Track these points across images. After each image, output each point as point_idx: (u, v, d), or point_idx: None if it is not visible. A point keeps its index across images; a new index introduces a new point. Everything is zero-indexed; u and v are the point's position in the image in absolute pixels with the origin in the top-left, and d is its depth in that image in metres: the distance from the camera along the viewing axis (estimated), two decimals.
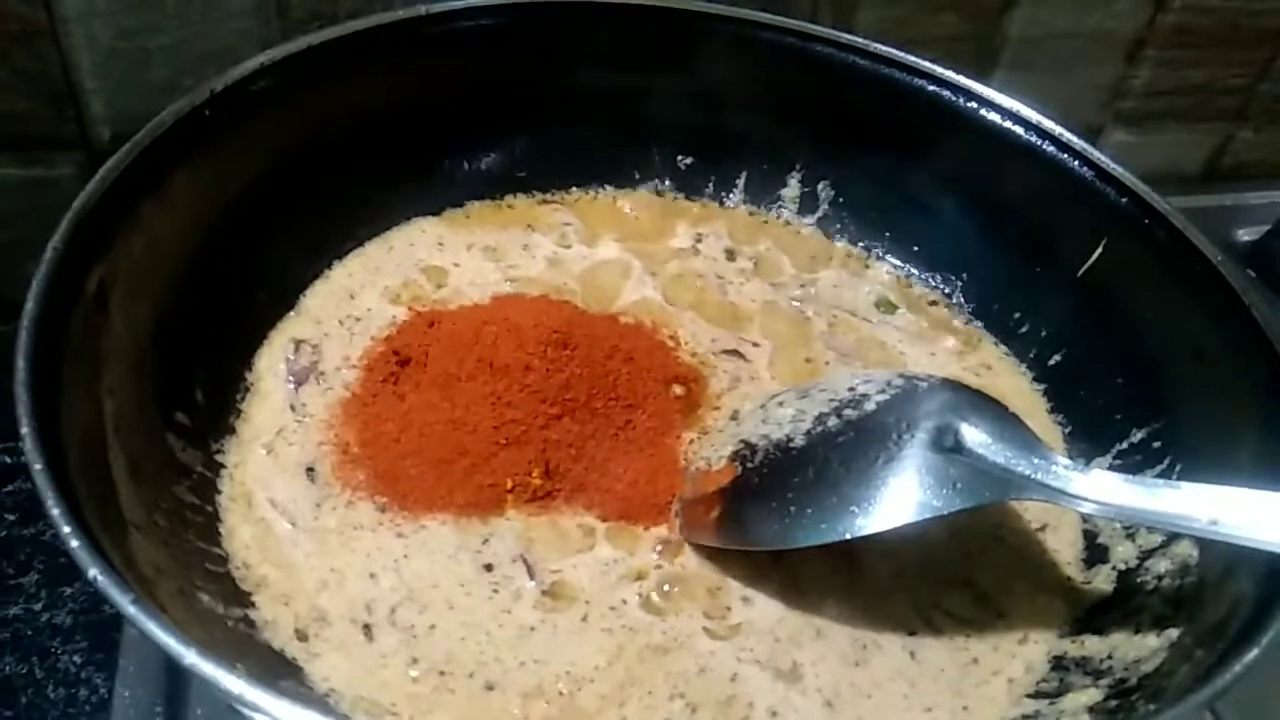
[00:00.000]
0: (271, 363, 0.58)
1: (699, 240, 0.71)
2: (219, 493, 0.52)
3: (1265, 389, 0.51)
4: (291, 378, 0.57)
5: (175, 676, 0.54)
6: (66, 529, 0.37)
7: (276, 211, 0.60)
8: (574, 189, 0.72)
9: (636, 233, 0.70)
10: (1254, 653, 0.40)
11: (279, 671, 0.45)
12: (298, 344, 0.59)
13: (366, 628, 0.48)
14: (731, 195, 0.73)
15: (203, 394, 0.54)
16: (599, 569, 0.51)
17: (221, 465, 0.53)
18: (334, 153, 0.62)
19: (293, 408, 0.56)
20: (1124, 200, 0.61)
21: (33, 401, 0.40)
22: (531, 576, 0.50)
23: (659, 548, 0.53)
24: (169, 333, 0.52)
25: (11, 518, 0.66)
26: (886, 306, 0.68)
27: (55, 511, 0.37)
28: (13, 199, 0.71)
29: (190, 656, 0.35)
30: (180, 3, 0.68)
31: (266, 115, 0.58)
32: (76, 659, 0.58)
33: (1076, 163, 0.63)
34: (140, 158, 0.51)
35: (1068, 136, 0.63)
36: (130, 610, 0.36)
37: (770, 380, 0.62)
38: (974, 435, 0.48)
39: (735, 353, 0.64)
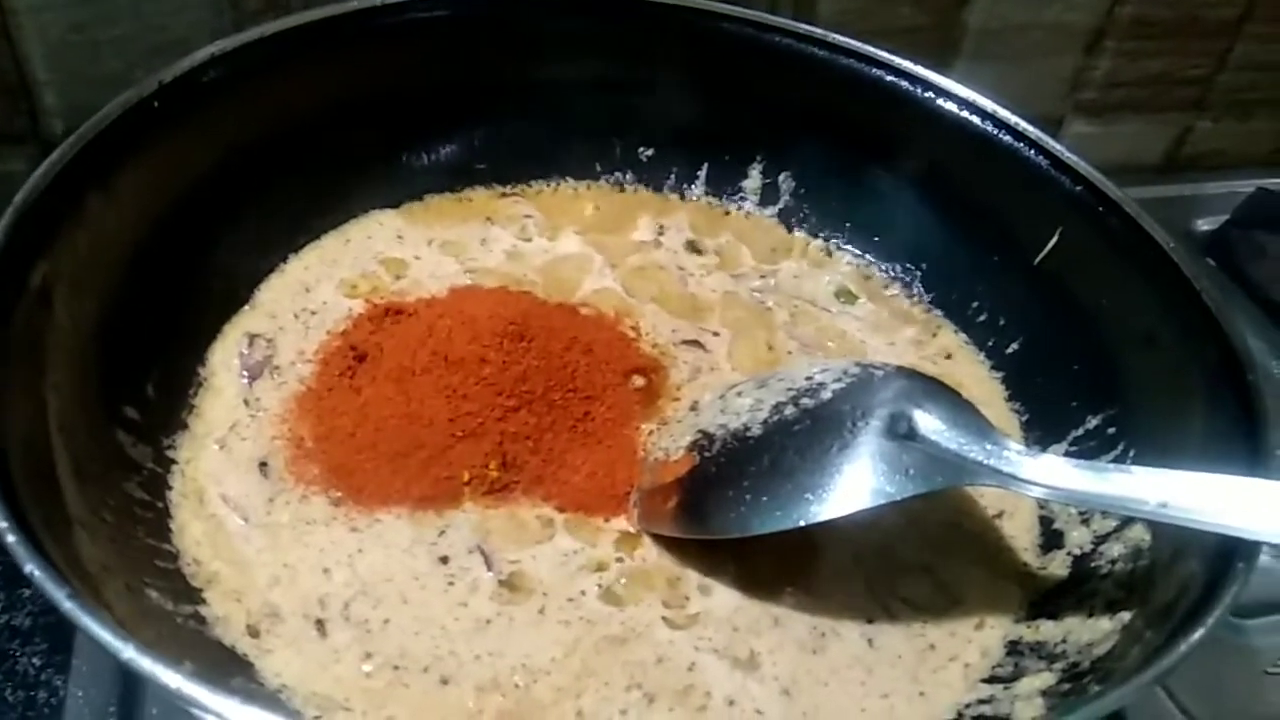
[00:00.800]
0: (225, 357, 0.57)
1: (661, 232, 0.71)
2: (170, 489, 0.51)
3: (1215, 374, 0.52)
4: (245, 372, 0.57)
5: (129, 677, 0.53)
6: (3, 524, 0.36)
7: (229, 204, 0.59)
8: (534, 181, 0.71)
9: (598, 225, 0.70)
10: (1200, 633, 0.41)
11: (230, 668, 0.45)
12: (252, 338, 0.58)
13: (319, 623, 0.47)
14: (693, 187, 0.73)
15: (154, 389, 0.54)
16: (558, 560, 0.51)
17: (173, 461, 0.52)
18: (288, 145, 0.61)
19: (246, 402, 0.55)
20: (1079, 189, 0.61)
21: None
22: (489, 567, 0.50)
23: (618, 539, 0.52)
24: (118, 327, 0.52)
25: None
26: (847, 296, 0.69)
27: None
28: None
29: (128, 651, 0.35)
30: None
31: (217, 107, 0.58)
32: (35, 661, 0.57)
33: (1032, 152, 0.63)
34: (85, 150, 0.50)
35: (1024, 126, 0.64)
36: (66, 605, 0.35)
37: (730, 371, 0.62)
38: (927, 422, 0.48)
39: (696, 343, 0.64)
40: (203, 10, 0.69)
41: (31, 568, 0.35)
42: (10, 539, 0.36)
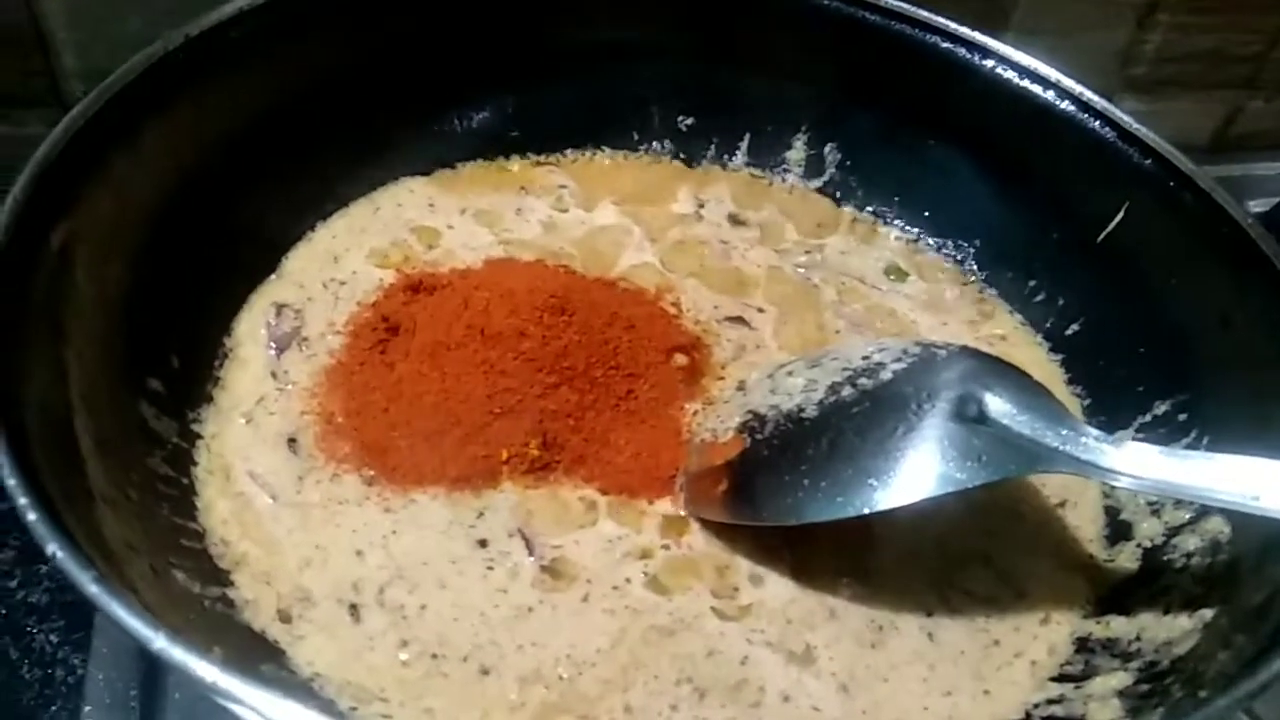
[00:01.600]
0: (251, 328, 0.55)
1: (701, 205, 0.68)
2: (195, 464, 0.49)
3: None
4: (273, 344, 0.54)
5: (151, 659, 0.51)
6: (23, 500, 0.34)
7: (256, 168, 0.56)
8: (570, 150, 0.68)
9: (636, 196, 0.67)
10: None
11: (260, 655, 0.43)
12: (279, 308, 0.56)
13: (353, 608, 0.45)
14: (734, 157, 0.70)
15: (178, 360, 0.51)
16: (602, 545, 0.49)
17: (198, 435, 0.50)
18: (317, 106, 0.59)
19: (274, 375, 0.53)
20: (1147, 162, 0.58)
21: None
22: (531, 551, 0.48)
23: (664, 523, 0.50)
24: (141, 294, 0.49)
25: None
26: (897, 274, 0.66)
27: (12, 482, 0.34)
28: None
29: (159, 641, 0.32)
30: None
31: (245, 65, 0.55)
32: (53, 638, 0.55)
33: (1097, 123, 0.60)
34: (109, 106, 0.48)
35: (1088, 95, 0.61)
36: (93, 590, 0.33)
37: (777, 349, 0.60)
38: (998, 405, 0.46)
39: (740, 320, 0.61)
40: None
41: (54, 548, 0.33)
42: (31, 516, 0.33)
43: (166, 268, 0.51)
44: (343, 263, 0.59)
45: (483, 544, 0.48)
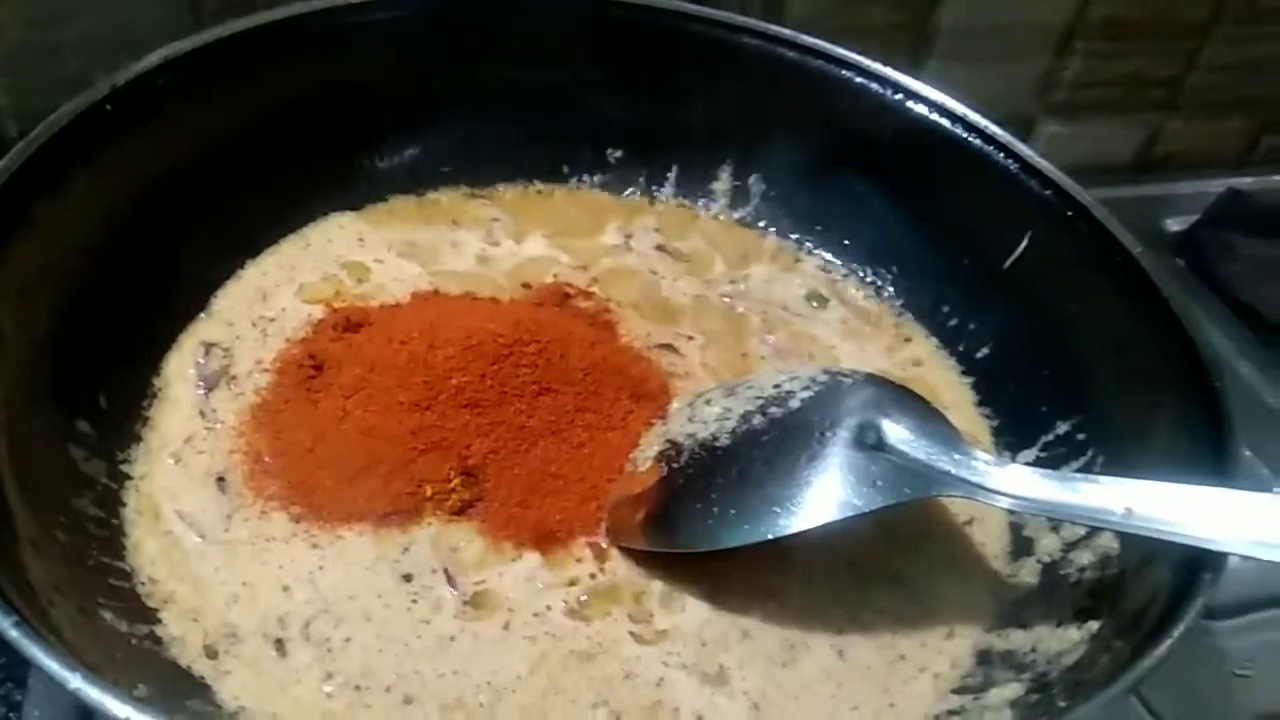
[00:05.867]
0: (180, 367, 0.56)
1: (629, 236, 0.70)
2: (124, 505, 0.50)
3: (1182, 382, 0.52)
4: (201, 383, 0.55)
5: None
6: None
7: (184, 210, 0.57)
8: (501, 184, 0.70)
9: (566, 229, 0.69)
10: (1166, 645, 0.41)
11: (186, 690, 0.44)
12: (208, 347, 0.57)
13: (279, 643, 0.46)
14: (663, 189, 0.72)
15: (107, 401, 0.52)
16: (525, 576, 0.50)
17: (127, 476, 0.51)
18: (245, 148, 0.60)
19: (202, 414, 0.54)
20: (1047, 192, 0.61)
21: None
22: (454, 587, 0.49)
23: (587, 553, 0.52)
24: (69, 338, 0.50)
25: None
26: (819, 301, 0.68)
27: None
28: None
29: (75, 680, 0.34)
30: None
31: (172, 110, 0.56)
32: None
33: (1001, 155, 0.63)
34: (34, 157, 0.49)
35: (993, 129, 0.63)
36: (13, 635, 0.34)
37: (705, 377, 0.61)
38: (895, 431, 0.48)
39: (670, 347, 0.63)
40: (164, 9, 0.67)
41: None
42: None
43: (95, 311, 0.52)
44: (271, 300, 0.60)
45: (408, 578, 0.49)
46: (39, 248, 0.49)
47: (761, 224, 0.71)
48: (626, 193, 0.72)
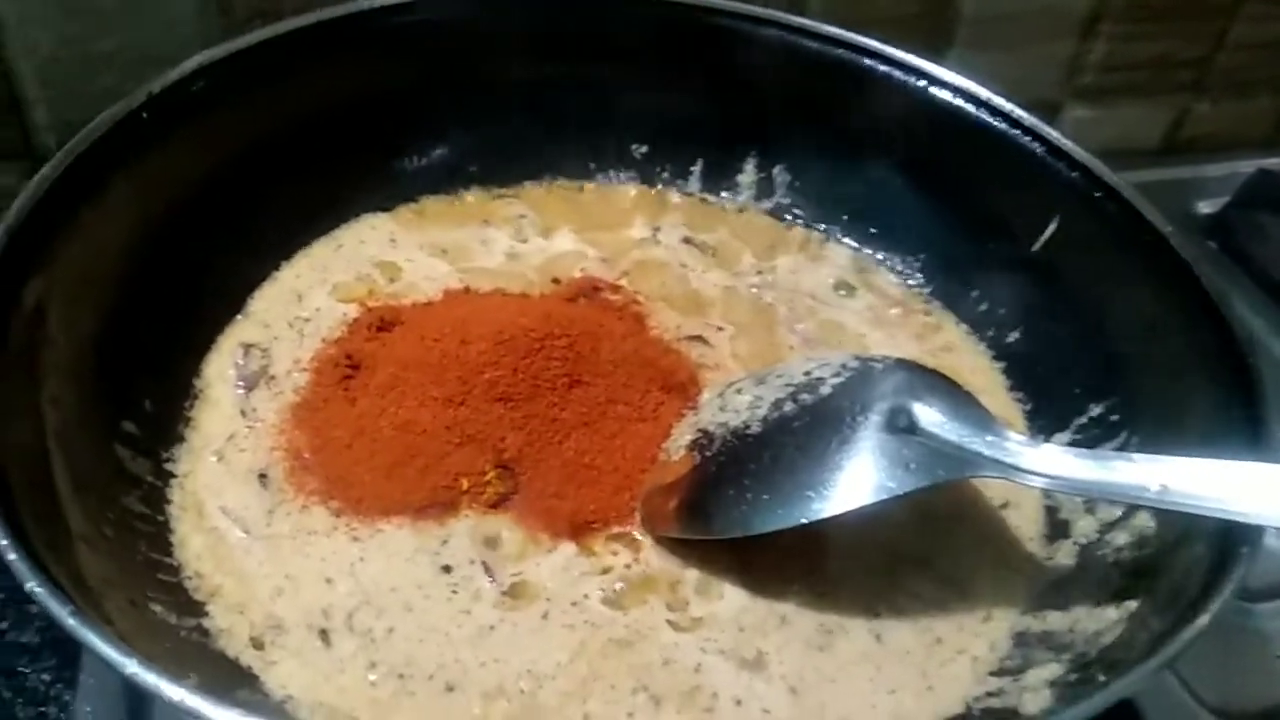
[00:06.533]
0: (220, 368, 0.57)
1: (657, 230, 0.70)
2: (169, 502, 0.51)
3: (1215, 360, 0.52)
4: (241, 383, 0.57)
5: (136, 691, 0.53)
6: (4, 542, 0.36)
7: (221, 214, 0.59)
8: (527, 181, 0.71)
9: (594, 223, 0.70)
10: (1204, 619, 0.41)
11: (235, 681, 0.45)
12: (246, 348, 0.58)
13: (323, 633, 0.47)
14: (688, 182, 0.73)
15: (151, 402, 0.53)
16: (561, 566, 0.51)
17: (171, 474, 0.52)
18: (278, 152, 0.61)
19: (243, 413, 0.55)
20: (1074, 175, 0.61)
21: None
22: (492, 577, 0.50)
23: (622, 543, 0.52)
24: (114, 341, 0.52)
25: None
26: (846, 289, 0.68)
27: None
28: None
29: (131, 666, 0.35)
30: (122, 7, 0.67)
31: (207, 116, 0.58)
32: (45, 677, 0.57)
33: (1028, 138, 0.63)
34: (75, 165, 0.50)
35: (1018, 113, 0.63)
36: (70, 622, 0.35)
37: (735, 367, 0.62)
38: (927, 415, 0.48)
39: (700, 339, 0.63)
40: (193, 21, 0.68)
41: (33, 585, 0.36)
42: (11, 556, 0.36)
43: (136, 314, 0.53)
44: (307, 300, 0.61)
45: (447, 569, 0.50)
46: (83, 252, 0.50)
47: (788, 214, 0.72)
48: (653, 187, 0.72)
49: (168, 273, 0.56)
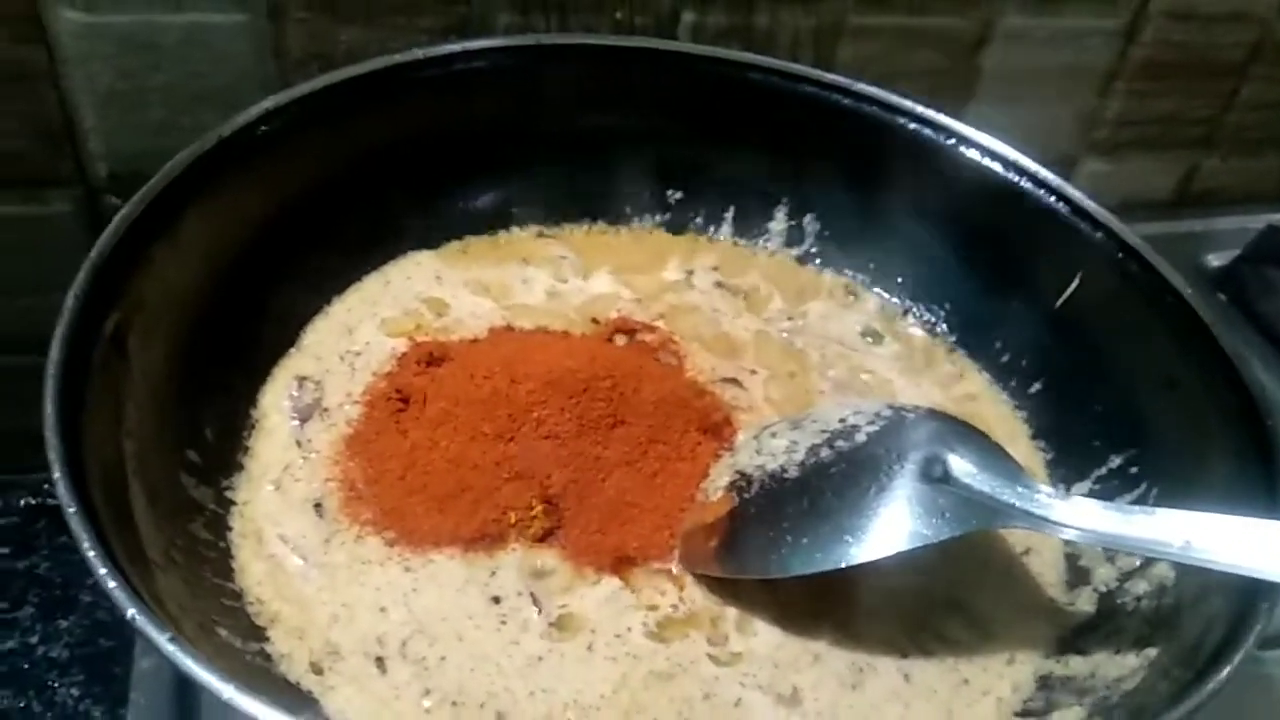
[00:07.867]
0: (275, 399, 0.59)
1: (690, 273, 0.73)
2: (230, 529, 0.53)
3: (1234, 418, 0.54)
4: (296, 414, 0.59)
5: (185, 710, 0.55)
6: (103, 570, 0.38)
7: (280, 251, 0.61)
8: (567, 224, 0.73)
9: (630, 266, 0.72)
10: (1226, 670, 0.43)
11: (296, 704, 0.47)
12: (300, 380, 0.60)
13: (379, 660, 0.49)
14: (720, 228, 0.75)
15: (211, 432, 0.56)
16: (605, 598, 0.53)
17: (231, 502, 0.54)
18: (335, 192, 0.64)
19: (298, 444, 0.57)
20: (1097, 235, 0.63)
21: (62, 446, 0.41)
22: (539, 609, 0.52)
23: (663, 578, 0.54)
24: (181, 372, 0.54)
25: (4, 551, 0.66)
26: (874, 337, 0.71)
27: (91, 554, 0.39)
28: (10, 235, 0.72)
29: (229, 691, 0.37)
30: (178, 44, 0.69)
31: (271, 158, 0.60)
32: (74, 691, 0.58)
33: (1052, 198, 0.65)
34: (153, 204, 0.53)
35: (1044, 174, 0.66)
36: (169, 649, 0.37)
37: (768, 410, 0.64)
38: (961, 465, 0.50)
39: (735, 381, 0.65)
40: (246, 60, 0.71)
41: (133, 612, 0.37)
42: (111, 584, 0.38)
43: (200, 347, 0.56)
44: (357, 334, 0.64)
45: (496, 600, 0.52)
46: (156, 288, 0.53)
47: (817, 262, 0.74)
48: (686, 232, 0.75)
49: (229, 307, 0.58)
